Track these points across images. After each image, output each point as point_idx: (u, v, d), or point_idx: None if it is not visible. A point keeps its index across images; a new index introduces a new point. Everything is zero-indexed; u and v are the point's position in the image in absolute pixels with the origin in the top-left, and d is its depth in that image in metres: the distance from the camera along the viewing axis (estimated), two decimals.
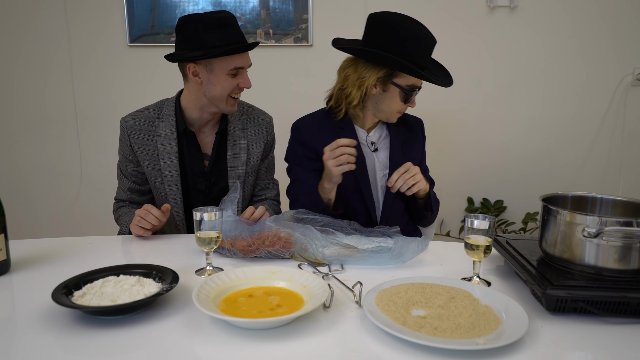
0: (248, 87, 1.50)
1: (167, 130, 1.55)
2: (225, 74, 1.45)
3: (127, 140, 1.55)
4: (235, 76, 1.47)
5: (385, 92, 1.47)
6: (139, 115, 1.58)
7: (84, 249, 1.31)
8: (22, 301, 0.98)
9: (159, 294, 0.92)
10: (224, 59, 1.44)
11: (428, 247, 1.21)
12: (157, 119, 1.56)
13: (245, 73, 1.50)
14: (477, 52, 2.66)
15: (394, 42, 1.39)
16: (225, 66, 1.44)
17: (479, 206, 2.83)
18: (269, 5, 2.60)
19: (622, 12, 2.59)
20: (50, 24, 2.60)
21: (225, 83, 1.46)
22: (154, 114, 1.57)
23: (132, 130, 1.55)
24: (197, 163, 1.59)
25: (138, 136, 1.55)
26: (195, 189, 1.61)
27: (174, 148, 1.54)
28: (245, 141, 1.63)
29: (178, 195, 1.57)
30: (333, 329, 0.86)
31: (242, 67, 1.47)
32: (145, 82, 2.67)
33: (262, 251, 1.18)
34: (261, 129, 1.67)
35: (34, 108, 2.70)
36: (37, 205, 2.80)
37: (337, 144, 1.33)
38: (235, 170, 1.61)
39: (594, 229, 0.91)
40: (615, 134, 2.73)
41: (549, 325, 0.87)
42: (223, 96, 1.48)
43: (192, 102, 1.54)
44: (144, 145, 1.55)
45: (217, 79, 1.46)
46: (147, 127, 1.55)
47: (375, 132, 1.60)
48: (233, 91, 1.49)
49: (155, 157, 1.55)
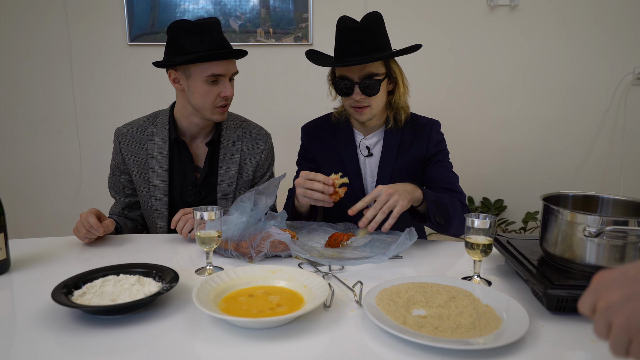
0: (229, 95, 1.44)
1: (159, 139, 1.52)
2: (202, 82, 1.40)
3: (118, 148, 1.55)
4: (216, 84, 1.42)
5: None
6: (132, 124, 1.57)
7: (84, 249, 1.31)
8: (22, 300, 0.97)
9: (159, 293, 0.92)
10: (201, 65, 1.39)
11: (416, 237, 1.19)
12: (150, 127, 1.55)
13: (226, 81, 1.43)
14: (477, 51, 2.66)
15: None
16: (202, 72, 1.39)
17: (480, 205, 2.83)
18: (269, 4, 2.60)
19: (622, 11, 2.59)
20: (50, 24, 2.60)
21: (203, 91, 1.41)
22: (147, 122, 1.56)
23: (123, 137, 1.54)
24: (188, 175, 1.55)
25: (129, 144, 1.54)
26: (182, 202, 1.56)
27: (164, 157, 1.52)
28: (239, 155, 1.58)
29: (164, 206, 1.53)
30: (333, 329, 0.85)
31: (221, 74, 1.40)
32: (145, 81, 2.67)
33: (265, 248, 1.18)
34: (257, 143, 1.62)
35: (34, 108, 2.70)
36: (37, 205, 2.80)
37: (315, 177, 1.27)
38: (225, 184, 1.56)
39: (595, 228, 0.91)
40: (616, 133, 2.72)
41: (549, 325, 0.87)
42: (206, 105, 1.43)
43: (180, 111, 1.52)
44: (134, 152, 1.53)
45: (195, 86, 1.41)
46: (139, 135, 1.54)
47: (373, 137, 1.59)
48: (215, 100, 1.43)
49: (144, 165, 1.53)
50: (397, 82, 1.51)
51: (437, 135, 1.60)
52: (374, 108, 1.48)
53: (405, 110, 1.56)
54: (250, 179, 1.62)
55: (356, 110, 1.48)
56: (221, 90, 1.43)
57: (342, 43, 1.43)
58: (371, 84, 1.43)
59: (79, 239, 1.32)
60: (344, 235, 1.30)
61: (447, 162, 1.60)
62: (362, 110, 1.47)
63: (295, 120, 2.02)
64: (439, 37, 2.65)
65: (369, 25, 1.41)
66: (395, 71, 1.49)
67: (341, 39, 1.43)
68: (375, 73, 1.43)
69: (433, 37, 2.63)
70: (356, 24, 1.42)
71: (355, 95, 1.44)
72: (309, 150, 1.65)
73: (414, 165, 1.56)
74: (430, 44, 2.56)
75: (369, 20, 1.42)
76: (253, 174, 1.62)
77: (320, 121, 1.67)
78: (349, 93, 1.45)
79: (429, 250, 1.32)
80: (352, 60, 1.39)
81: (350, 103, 1.48)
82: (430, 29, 2.65)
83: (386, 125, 1.57)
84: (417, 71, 2.51)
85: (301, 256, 1.17)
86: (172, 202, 1.56)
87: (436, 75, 2.67)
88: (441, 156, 1.59)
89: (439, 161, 1.58)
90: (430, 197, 1.34)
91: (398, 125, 1.55)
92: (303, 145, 1.69)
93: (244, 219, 1.24)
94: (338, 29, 1.45)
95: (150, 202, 1.54)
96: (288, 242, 1.17)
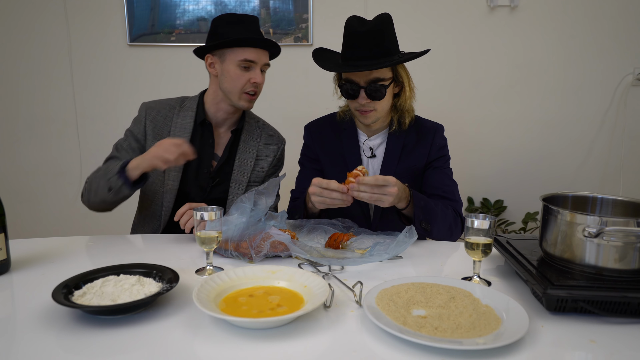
0: (259, 81, 1.51)
1: (184, 120, 1.58)
2: (235, 65, 1.49)
3: (143, 118, 1.57)
4: (248, 70, 1.50)
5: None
6: (161, 101, 1.62)
7: (84, 249, 1.31)
8: (22, 301, 0.98)
9: (159, 293, 0.92)
10: (236, 50, 1.48)
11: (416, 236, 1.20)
12: (178, 107, 1.60)
13: (258, 69, 1.52)
14: (477, 52, 2.66)
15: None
16: (236, 57, 1.48)
17: (479, 206, 2.83)
18: (269, 5, 2.60)
19: (622, 11, 2.59)
20: (50, 24, 2.60)
21: (234, 75, 1.49)
22: (175, 103, 1.62)
23: (151, 110, 1.58)
24: (205, 158, 1.59)
25: (156, 117, 1.57)
26: (196, 185, 1.59)
27: (187, 138, 1.56)
28: (257, 149, 1.65)
29: (176, 183, 1.56)
30: (333, 329, 0.85)
31: (253, 60, 1.49)
32: (145, 81, 2.67)
33: (265, 248, 1.19)
34: (273, 143, 1.70)
35: (34, 108, 2.70)
36: (37, 205, 2.80)
37: (329, 186, 1.26)
38: (239, 174, 1.62)
39: (595, 228, 0.91)
40: (616, 134, 2.73)
41: (549, 325, 0.87)
42: (235, 89, 1.51)
43: (210, 96, 1.59)
44: (158, 127, 1.57)
45: (228, 70, 1.50)
46: (166, 112, 1.59)
47: (377, 138, 1.58)
48: (245, 86, 1.51)
49: None
50: (404, 86, 1.50)
51: (441, 139, 1.60)
52: (379, 112, 1.48)
53: (410, 114, 1.56)
54: (263, 176, 1.67)
55: (361, 113, 1.48)
56: (252, 76, 1.50)
57: (350, 46, 1.41)
58: (377, 88, 1.42)
59: (168, 161, 1.31)
60: (344, 236, 1.30)
61: (447, 168, 1.59)
62: (367, 113, 1.47)
63: (295, 120, 2.02)
64: (439, 38, 2.66)
65: (378, 29, 1.38)
66: (402, 75, 1.48)
67: (349, 41, 1.41)
68: (381, 78, 1.42)
69: (433, 38, 2.64)
70: (364, 27, 1.39)
71: (361, 100, 1.44)
72: (311, 150, 1.66)
73: (416, 168, 1.56)
74: (430, 44, 2.56)
75: (378, 24, 1.38)
76: (266, 172, 1.68)
77: (323, 121, 1.67)
78: (355, 97, 1.45)
79: (429, 250, 1.32)
80: (359, 65, 1.39)
81: (355, 106, 1.49)
82: (431, 30, 2.65)
83: (390, 127, 1.56)
84: (417, 71, 2.51)
85: (301, 257, 1.17)
86: (185, 181, 1.59)
87: (436, 75, 2.67)
88: (442, 162, 1.59)
89: (439, 167, 1.58)
90: (420, 202, 1.35)
91: (402, 128, 1.55)
92: (306, 145, 1.69)
93: (244, 219, 1.24)
94: (346, 31, 1.42)
95: (162, 176, 1.56)
96: (288, 243, 1.17)
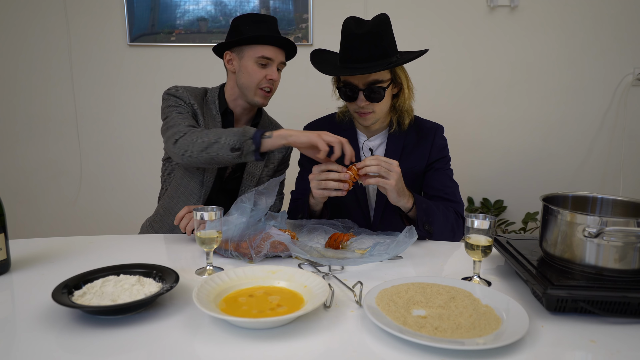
0: (274, 78, 1.53)
1: (212, 109, 1.60)
2: (252, 62, 1.51)
3: (187, 99, 1.54)
4: (264, 67, 1.52)
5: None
6: (187, 87, 1.59)
7: (84, 249, 1.31)
8: (22, 301, 0.97)
9: (159, 293, 0.92)
10: (254, 47, 1.51)
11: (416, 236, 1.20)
12: (204, 95, 1.61)
13: (274, 66, 1.54)
14: (477, 52, 2.66)
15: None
16: (254, 53, 1.50)
17: (479, 206, 2.83)
18: (269, 5, 2.60)
19: (622, 11, 2.59)
20: (50, 24, 2.60)
21: (251, 70, 1.51)
22: (200, 91, 1.61)
23: (190, 92, 1.56)
24: None
25: (195, 99, 1.56)
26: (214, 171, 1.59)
27: (218, 126, 1.57)
28: None
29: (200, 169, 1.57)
30: (333, 329, 0.85)
31: (270, 58, 1.51)
32: (145, 81, 2.67)
33: (265, 248, 1.19)
34: None
35: (34, 108, 2.70)
36: (37, 205, 2.80)
37: (327, 167, 1.27)
38: (252, 166, 1.63)
39: (595, 228, 0.91)
40: (616, 134, 2.73)
41: (549, 325, 0.87)
42: (252, 85, 1.52)
43: (228, 92, 1.61)
44: (197, 108, 1.55)
45: (245, 66, 1.52)
46: (199, 98, 1.58)
47: (376, 139, 1.58)
48: (261, 82, 1.52)
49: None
50: (402, 87, 1.50)
51: (441, 140, 1.60)
52: (377, 113, 1.48)
53: (409, 114, 1.55)
54: (272, 172, 1.69)
55: (360, 115, 1.48)
56: (268, 72, 1.53)
57: (347, 48, 1.40)
58: (376, 90, 1.42)
59: (328, 142, 1.26)
60: (344, 236, 1.30)
61: (447, 169, 1.59)
62: (366, 115, 1.47)
63: (295, 120, 2.02)
64: (439, 38, 2.66)
65: (376, 31, 1.37)
66: (400, 76, 1.48)
67: (346, 44, 1.41)
68: (380, 80, 1.42)
69: (433, 38, 2.64)
70: (362, 29, 1.37)
71: (360, 102, 1.44)
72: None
73: (417, 169, 1.56)
74: (430, 44, 2.56)
75: (375, 25, 1.37)
76: (275, 168, 1.69)
77: (323, 121, 1.67)
78: (353, 99, 1.45)
79: (429, 250, 1.32)
80: (356, 68, 1.38)
81: (354, 108, 1.48)
82: (430, 30, 2.65)
83: (390, 128, 1.56)
84: (417, 72, 2.51)
85: (301, 257, 1.17)
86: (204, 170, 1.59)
87: (436, 75, 2.67)
88: (443, 163, 1.58)
89: (440, 169, 1.57)
90: (422, 205, 1.35)
91: (402, 128, 1.55)
92: None
93: (244, 220, 1.24)
94: (343, 32, 1.41)
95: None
96: (288, 243, 1.17)
